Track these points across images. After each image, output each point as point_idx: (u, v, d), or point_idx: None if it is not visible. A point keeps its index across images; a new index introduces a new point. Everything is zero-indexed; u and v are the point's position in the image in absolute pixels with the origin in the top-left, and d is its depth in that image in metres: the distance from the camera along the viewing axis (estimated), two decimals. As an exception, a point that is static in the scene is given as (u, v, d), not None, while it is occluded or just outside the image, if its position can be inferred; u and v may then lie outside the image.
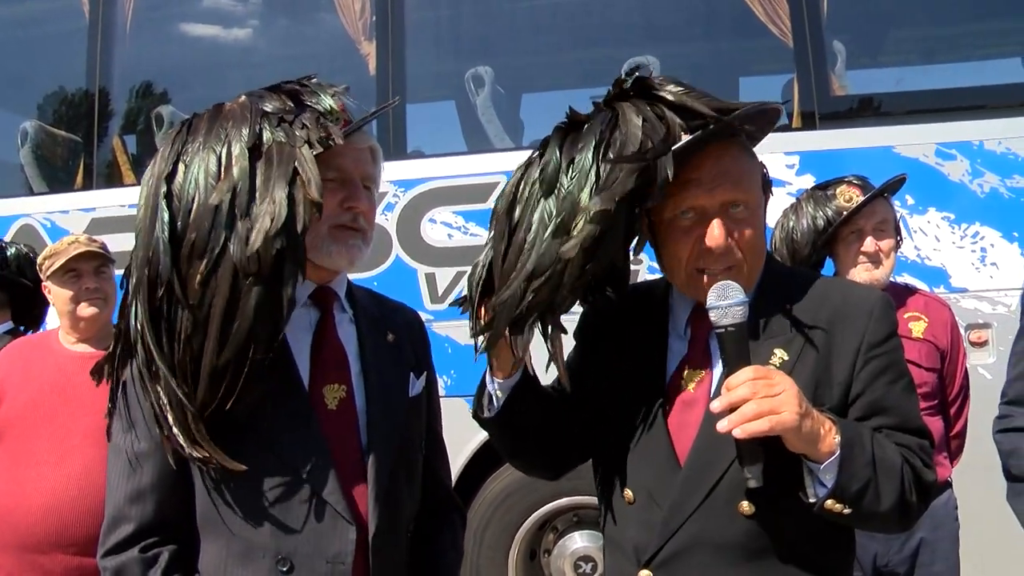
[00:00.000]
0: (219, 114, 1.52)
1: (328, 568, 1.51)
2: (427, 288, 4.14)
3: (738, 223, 1.51)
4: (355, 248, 1.61)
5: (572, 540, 4.17)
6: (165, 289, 1.45)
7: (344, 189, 1.59)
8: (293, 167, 1.44)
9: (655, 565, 1.51)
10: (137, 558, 1.51)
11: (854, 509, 1.39)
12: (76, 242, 2.72)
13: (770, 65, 4.54)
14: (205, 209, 1.44)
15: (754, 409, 1.33)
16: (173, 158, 1.49)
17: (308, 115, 1.51)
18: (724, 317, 1.41)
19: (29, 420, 2.55)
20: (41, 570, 2.48)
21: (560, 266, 1.45)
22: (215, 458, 1.46)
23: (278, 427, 1.52)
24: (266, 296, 1.44)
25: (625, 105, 1.50)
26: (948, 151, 3.80)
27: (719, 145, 1.50)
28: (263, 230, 1.41)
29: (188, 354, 1.45)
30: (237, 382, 1.45)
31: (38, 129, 4.99)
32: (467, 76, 4.50)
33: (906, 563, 2.82)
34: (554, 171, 1.48)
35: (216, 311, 1.43)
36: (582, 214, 1.43)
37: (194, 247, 1.44)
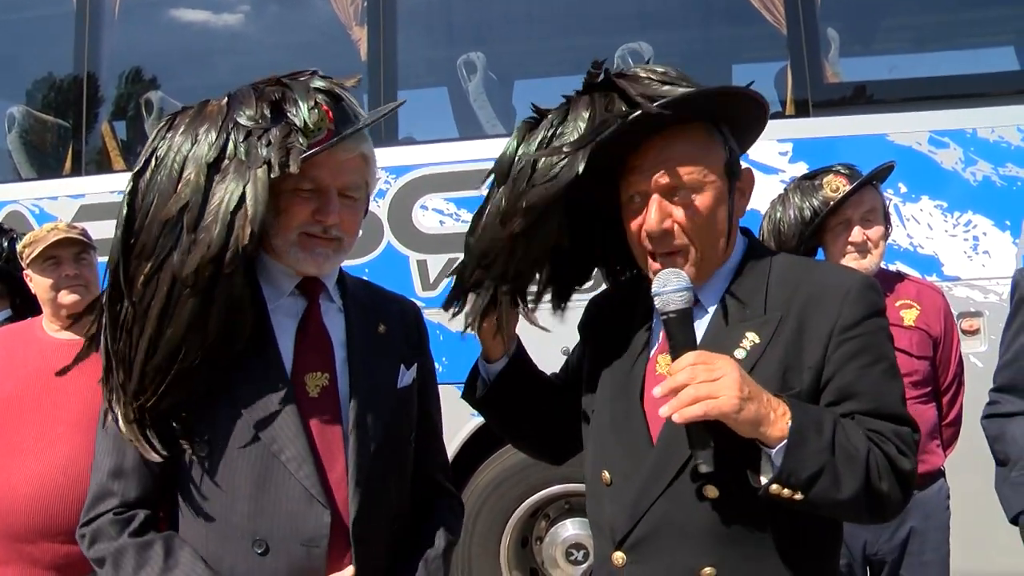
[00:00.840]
0: (200, 114, 1.55)
1: (303, 551, 1.53)
2: (419, 275, 4.13)
3: (681, 207, 1.52)
4: (321, 256, 1.62)
5: (564, 528, 4.19)
6: (113, 281, 1.53)
7: (317, 200, 1.58)
8: (242, 192, 1.46)
9: (627, 547, 1.53)
10: (111, 519, 1.56)
11: (807, 496, 1.36)
12: (55, 229, 2.68)
13: (763, 52, 4.52)
14: (158, 219, 1.49)
15: (691, 394, 1.34)
16: (147, 154, 1.54)
17: (277, 132, 1.50)
18: (667, 304, 1.44)
19: (13, 409, 2.52)
20: (29, 559, 2.47)
21: (506, 248, 1.57)
22: (136, 444, 1.53)
23: (259, 412, 1.54)
24: (200, 309, 1.48)
25: (581, 99, 1.55)
26: (941, 139, 3.80)
27: (672, 131, 1.52)
28: (200, 254, 1.46)
29: (127, 345, 1.52)
30: (164, 382, 1.50)
31: (26, 114, 4.95)
32: (459, 62, 4.47)
33: (895, 551, 2.82)
34: (507, 162, 1.57)
35: (152, 313, 1.50)
36: (521, 204, 1.53)
37: (143, 249, 1.50)
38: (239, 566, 1.54)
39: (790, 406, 1.38)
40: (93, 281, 2.70)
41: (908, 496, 1.47)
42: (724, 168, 1.55)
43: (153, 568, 1.52)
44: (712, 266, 1.57)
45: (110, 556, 1.54)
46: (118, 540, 1.55)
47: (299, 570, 1.54)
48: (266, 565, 1.53)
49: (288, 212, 1.56)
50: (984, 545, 3.31)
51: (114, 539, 1.55)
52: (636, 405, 1.57)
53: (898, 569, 2.83)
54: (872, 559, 2.85)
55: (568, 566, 4.14)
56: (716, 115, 1.55)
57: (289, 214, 1.57)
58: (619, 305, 1.73)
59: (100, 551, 1.56)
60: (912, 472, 1.46)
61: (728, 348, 1.49)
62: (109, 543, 1.55)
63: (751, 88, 1.54)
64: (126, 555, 1.53)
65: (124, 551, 1.54)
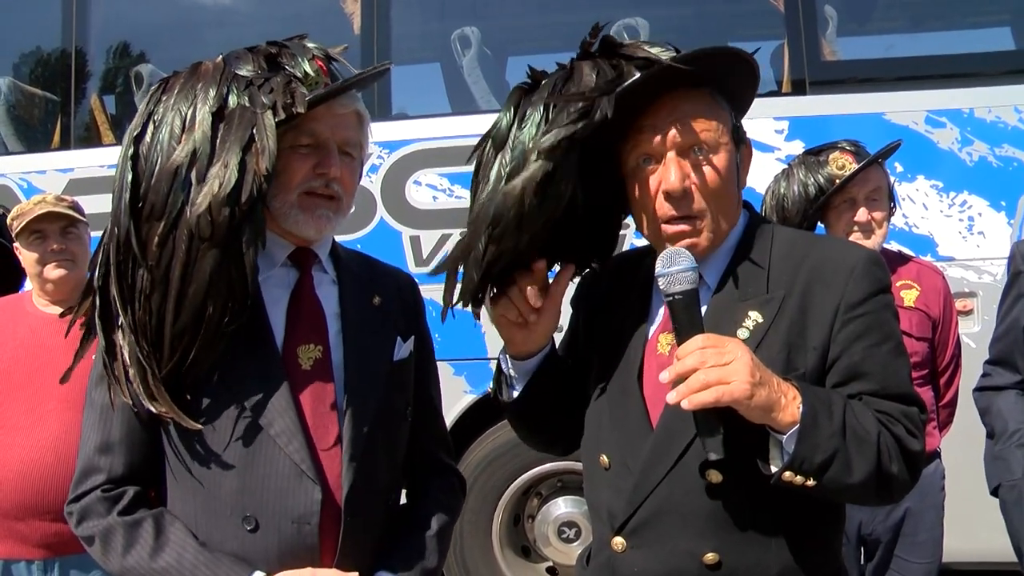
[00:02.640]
0: (194, 74, 1.51)
1: (294, 528, 1.50)
2: (411, 251, 4.11)
3: (698, 167, 1.47)
4: (323, 218, 1.57)
5: (556, 505, 4.19)
6: (125, 247, 1.46)
7: (317, 155, 1.55)
8: (250, 133, 1.43)
9: (627, 532, 1.49)
10: (100, 497, 1.53)
11: (819, 481, 1.32)
12: (42, 202, 2.64)
13: (760, 30, 4.48)
14: (165, 172, 1.44)
15: (701, 379, 1.29)
16: (144, 117, 1.49)
17: (278, 79, 1.48)
18: (672, 284, 1.38)
19: (3, 385, 2.50)
20: (18, 536, 2.46)
21: (514, 208, 1.44)
22: (171, 415, 1.47)
23: (248, 385, 1.51)
24: (222, 260, 1.44)
25: (584, 62, 1.49)
26: (938, 119, 3.79)
27: (678, 93, 1.47)
28: (210, 194, 1.41)
29: (147, 313, 1.47)
30: (193, 345, 1.46)
31: (13, 87, 4.87)
32: (453, 37, 4.43)
33: (890, 532, 2.82)
34: (506, 128, 1.50)
35: (174, 274, 1.45)
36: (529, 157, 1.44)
37: (153, 209, 1.45)
38: (228, 543, 1.50)
39: (800, 390, 1.34)
40: (81, 255, 2.66)
41: (916, 477, 1.44)
42: (731, 133, 1.52)
43: (143, 547, 1.49)
44: (723, 235, 1.52)
45: (99, 534, 1.51)
46: (107, 518, 1.51)
47: (290, 548, 1.50)
48: (256, 542, 1.49)
49: (288, 170, 1.52)
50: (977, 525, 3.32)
51: (103, 516, 1.51)
52: (634, 387, 1.52)
53: (892, 549, 2.84)
54: (867, 539, 2.86)
55: (560, 544, 4.14)
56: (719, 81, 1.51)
57: (289, 171, 1.52)
58: (613, 281, 1.68)
59: (89, 529, 1.53)
60: (920, 453, 1.42)
61: (730, 327, 1.44)
62: (98, 521, 1.52)
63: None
64: (115, 534, 1.50)
65: (113, 529, 1.51)
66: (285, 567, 1.50)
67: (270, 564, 1.49)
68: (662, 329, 1.53)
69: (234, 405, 1.50)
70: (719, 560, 1.43)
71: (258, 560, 1.50)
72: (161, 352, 1.47)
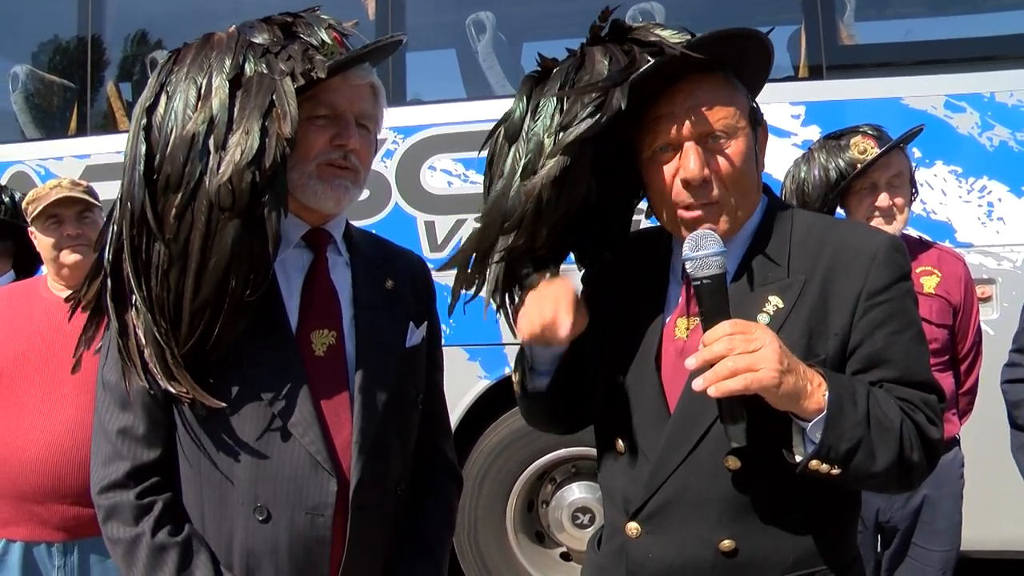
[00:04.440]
0: (206, 44, 1.47)
1: (307, 519, 1.47)
2: (426, 236, 4.11)
3: (716, 155, 1.45)
4: (342, 188, 1.54)
5: (570, 491, 4.19)
6: (139, 222, 1.41)
7: (335, 126, 1.52)
8: (270, 99, 1.39)
9: (642, 517, 1.49)
10: (132, 503, 1.48)
11: (843, 470, 1.32)
12: (58, 186, 2.63)
13: (777, 15, 4.44)
14: (181, 140, 1.39)
15: (729, 367, 1.28)
16: (156, 88, 1.44)
17: (295, 47, 1.45)
18: (700, 269, 1.36)
19: (19, 369, 2.51)
20: (38, 519, 2.47)
21: (532, 205, 1.43)
22: (193, 394, 1.44)
23: (261, 371, 1.47)
24: (244, 231, 1.40)
25: (595, 48, 1.46)
26: (958, 103, 3.74)
27: (694, 78, 1.45)
28: (232, 161, 1.37)
29: (165, 289, 1.42)
30: (217, 320, 1.42)
31: (30, 74, 4.90)
32: (468, 22, 4.41)
33: (908, 519, 2.81)
34: (519, 119, 1.48)
35: (193, 247, 1.40)
36: (546, 152, 1.42)
37: (169, 180, 1.40)
38: (239, 533, 1.48)
39: (825, 377, 1.33)
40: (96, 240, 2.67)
41: (934, 464, 1.43)
42: (749, 116, 1.50)
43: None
44: (743, 220, 1.51)
45: (124, 543, 1.47)
46: (135, 528, 1.47)
47: (302, 539, 1.48)
48: (267, 533, 1.47)
49: (305, 141, 1.48)
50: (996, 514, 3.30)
51: (131, 525, 1.47)
52: (651, 372, 1.51)
53: (910, 537, 2.82)
54: (884, 526, 2.84)
55: (574, 530, 4.14)
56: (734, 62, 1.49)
57: (306, 143, 1.48)
58: (625, 262, 1.66)
59: (115, 531, 1.49)
60: (940, 441, 1.41)
61: (751, 313, 1.43)
62: (126, 528, 1.48)
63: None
64: (140, 549, 1.46)
65: (139, 544, 1.47)
66: (294, 558, 1.48)
67: (279, 555, 1.48)
68: (680, 313, 1.52)
69: (249, 393, 1.47)
70: (735, 547, 1.43)
71: (267, 551, 1.48)
72: (179, 329, 1.43)
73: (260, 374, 1.48)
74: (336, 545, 1.50)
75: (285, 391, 1.48)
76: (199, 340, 1.43)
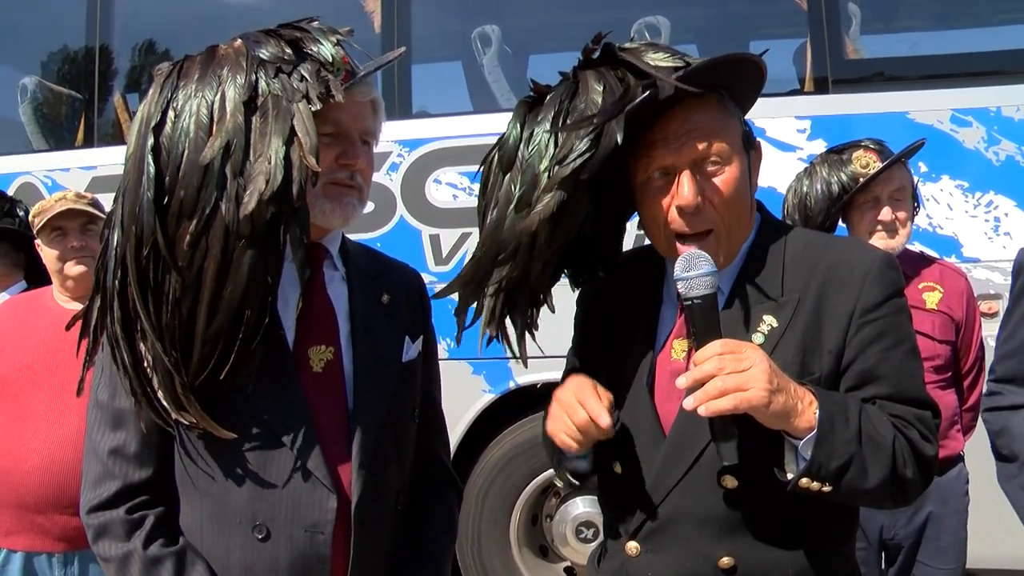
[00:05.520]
0: (212, 58, 1.43)
1: (306, 537, 1.46)
2: (431, 250, 4.10)
3: (710, 180, 1.45)
4: (350, 206, 1.54)
5: (574, 505, 4.18)
6: (151, 249, 1.37)
7: (340, 144, 1.51)
8: (290, 125, 1.36)
9: (641, 536, 1.49)
10: (122, 518, 1.47)
11: (835, 487, 1.32)
12: (63, 199, 2.66)
13: (783, 28, 4.45)
14: (195, 166, 1.35)
15: (719, 386, 1.28)
16: (162, 105, 1.39)
17: (308, 66, 1.42)
18: (691, 289, 1.36)
19: (24, 379, 2.52)
20: (39, 529, 2.48)
21: (526, 239, 1.43)
22: (203, 424, 1.41)
23: (258, 388, 1.45)
24: (260, 259, 1.37)
25: (588, 73, 1.46)
26: (964, 117, 3.74)
27: (689, 103, 1.44)
28: (257, 191, 1.33)
29: (176, 318, 1.38)
30: (231, 349, 1.39)
31: (38, 86, 4.92)
32: (474, 35, 4.42)
33: (912, 536, 2.79)
34: (513, 146, 1.47)
35: (208, 275, 1.36)
36: (541, 186, 1.41)
37: (183, 206, 1.35)
38: (237, 552, 1.46)
39: (816, 395, 1.33)
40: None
41: (929, 480, 1.43)
42: (742, 140, 1.50)
43: None
44: (738, 245, 1.51)
45: (116, 560, 1.46)
46: (127, 544, 1.45)
47: (301, 557, 1.46)
48: (266, 551, 1.45)
49: None
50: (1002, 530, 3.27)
51: (123, 541, 1.46)
52: (644, 394, 1.51)
53: (915, 554, 2.81)
54: (889, 543, 2.83)
55: (578, 544, 4.13)
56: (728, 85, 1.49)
57: None
58: (620, 281, 1.65)
59: (106, 549, 1.47)
60: (934, 457, 1.41)
61: (745, 333, 1.44)
62: (117, 544, 1.46)
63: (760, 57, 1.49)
64: (132, 564, 1.45)
65: (131, 559, 1.45)
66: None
67: (279, 574, 1.46)
68: (676, 335, 1.52)
69: (247, 410, 1.45)
70: (734, 564, 1.43)
71: (266, 569, 1.46)
72: (190, 358, 1.39)
73: (258, 392, 1.46)
74: (336, 562, 1.49)
75: (283, 408, 1.47)
76: (214, 369, 1.40)
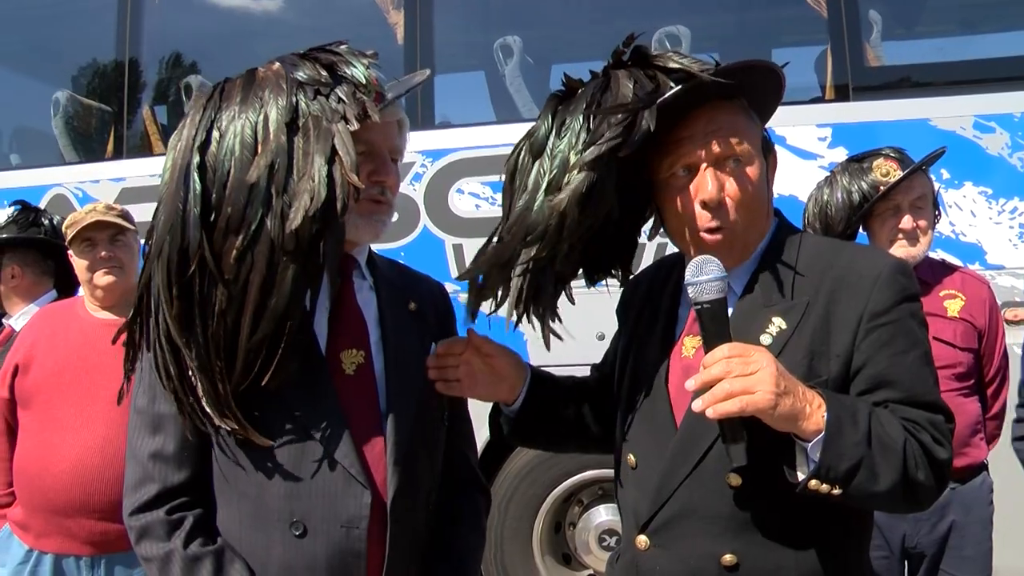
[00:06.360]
0: (253, 81, 1.49)
1: (343, 532, 1.51)
2: (454, 259, 4.14)
3: (732, 179, 1.49)
4: (379, 223, 1.62)
5: (597, 513, 4.19)
6: (197, 263, 1.43)
7: (372, 162, 1.58)
8: (332, 144, 1.42)
9: (650, 531, 1.52)
10: (163, 519, 1.53)
11: (844, 489, 1.33)
12: (93, 210, 2.73)
13: (804, 36, 4.45)
14: (242, 184, 1.41)
15: (726, 389, 1.31)
16: (206, 125, 1.46)
17: (344, 88, 1.47)
18: (701, 294, 1.39)
19: (55, 386, 2.59)
20: (67, 532, 2.54)
21: (555, 220, 1.47)
22: (244, 432, 1.47)
23: (294, 391, 1.51)
24: (302, 272, 1.43)
25: (619, 72, 1.51)
26: (987, 123, 3.72)
27: (714, 105, 1.50)
28: (302, 208, 1.39)
29: (221, 328, 1.44)
30: (273, 358, 1.45)
31: (70, 99, 5.02)
32: (496, 46, 4.46)
33: (935, 545, 2.76)
34: (544, 136, 1.52)
35: (253, 287, 1.42)
36: (572, 168, 1.46)
37: (229, 222, 1.42)
38: (275, 548, 1.52)
39: (825, 398, 1.34)
40: (129, 263, 2.75)
41: (943, 486, 1.43)
42: (761, 144, 1.54)
43: None
44: (752, 245, 1.55)
45: (158, 560, 1.51)
46: (167, 543, 1.52)
47: (338, 552, 1.51)
48: (304, 548, 1.51)
49: None
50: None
51: (163, 541, 1.52)
52: (661, 388, 1.55)
53: (938, 563, 2.77)
54: (911, 552, 2.80)
55: (601, 552, 4.13)
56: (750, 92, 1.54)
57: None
58: (652, 285, 1.71)
59: (148, 550, 1.53)
60: (948, 461, 1.41)
61: (754, 333, 1.46)
62: (158, 545, 1.52)
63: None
64: (173, 564, 1.50)
65: (172, 559, 1.51)
66: (332, 572, 1.51)
67: (317, 570, 1.51)
68: (687, 332, 1.56)
69: (283, 412, 1.51)
70: (737, 562, 1.44)
71: (304, 566, 1.51)
72: (233, 367, 1.45)
73: (294, 394, 1.52)
74: (371, 559, 1.54)
75: (316, 408, 1.52)
76: (257, 376, 1.46)
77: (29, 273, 3.25)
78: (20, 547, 2.61)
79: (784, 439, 1.37)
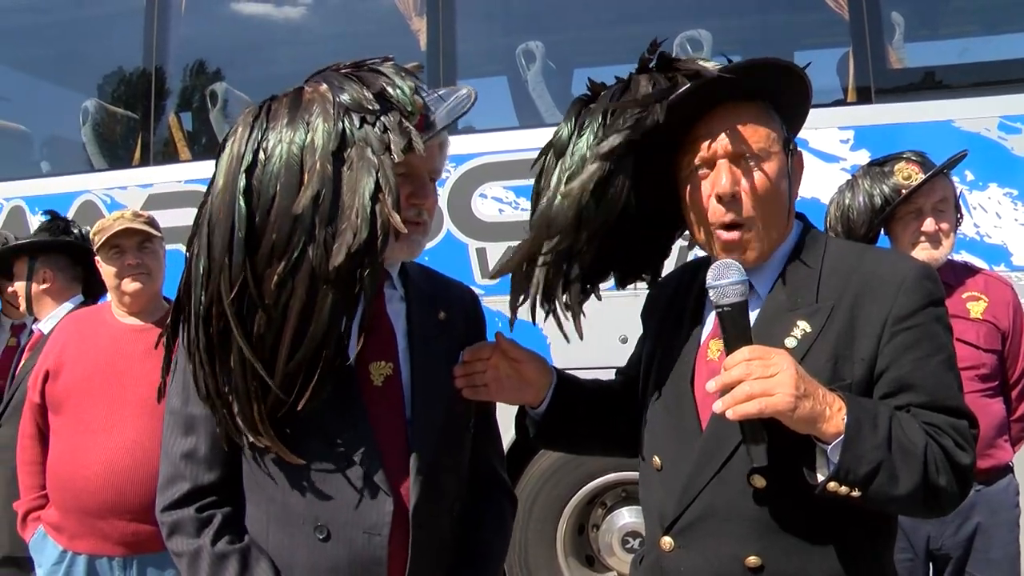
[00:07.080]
0: (299, 102, 1.49)
1: (365, 538, 1.53)
2: (478, 263, 4.16)
3: (748, 174, 1.51)
4: (416, 244, 1.63)
5: (620, 516, 4.19)
6: (240, 285, 1.45)
7: (411, 184, 1.58)
8: (376, 179, 1.42)
9: (675, 532, 1.52)
10: (193, 516, 1.57)
11: (863, 492, 1.33)
12: (121, 218, 2.77)
13: (825, 38, 4.44)
14: (287, 213, 1.42)
15: (746, 391, 1.32)
16: (253, 146, 1.46)
17: (391, 118, 1.47)
18: (722, 297, 1.41)
19: (84, 391, 2.64)
20: (100, 533, 2.58)
21: (572, 210, 1.51)
22: (276, 450, 1.51)
23: (324, 402, 1.53)
24: (341, 301, 1.45)
25: (641, 76, 1.54)
26: (1012, 124, 3.69)
27: (733, 105, 1.52)
28: (345, 245, 1.41)
29: (259, 352, 1.47)
30: (310, 383, 1.47)
31: (98, 107, 5.10)
32: (518, 51, 4.48)
33: (960, 547, 2.75)
34: (567, 137, 1.56)
35: (292, 313, 1.44)
36: (587, 161, 1.50)
37: (274, 248, 1.43)
38: (301, 550, 1.55)
39: (845, 401, 1.35)
40: (156, 269, 2.79)
41: (966, 491, 1.42)
42: (782, 144, 1.55)
43: None
44: (774, 244, 1.55)
45: (187, 555, 1.57)
46: (197, 540, 1.56)
47: (360, 558, 1.54)
48: (327, 551, 1.54)
49: None
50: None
51: (193, 537, 1.56)
52: (687, 390, 1.56)
53: (963, 566, 2.76)
54: (936, 554, 2.78)
55: (624, 554, 4.12)
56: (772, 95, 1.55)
57: None
58: (678, 288, 1.72)
59: (178, 545, 1.58)
60: (971, 466, 1.40)
61: (779, 336, 1.46)
62: (188, 540, 1.57)
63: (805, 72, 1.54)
64: (202, 559, 1.55)
65: (200, 555, 1.55)
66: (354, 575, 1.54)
67: (340, 572, 1.54)
68: (712, 335, 1.56)
69: (312, 422, 1.53)
70: (761, 564, 1.45)
71: (328, 568, 1.54)
72: (269, 390, 1.47)
73: (324, 405, 1.53)
74: (394, 564, 1.56)
75: (346, 421, 1.55)
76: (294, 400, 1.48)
77: (60, 278, 3.32)
78: (54, 548, 2.67)
79: (808, 441, 1.38)
